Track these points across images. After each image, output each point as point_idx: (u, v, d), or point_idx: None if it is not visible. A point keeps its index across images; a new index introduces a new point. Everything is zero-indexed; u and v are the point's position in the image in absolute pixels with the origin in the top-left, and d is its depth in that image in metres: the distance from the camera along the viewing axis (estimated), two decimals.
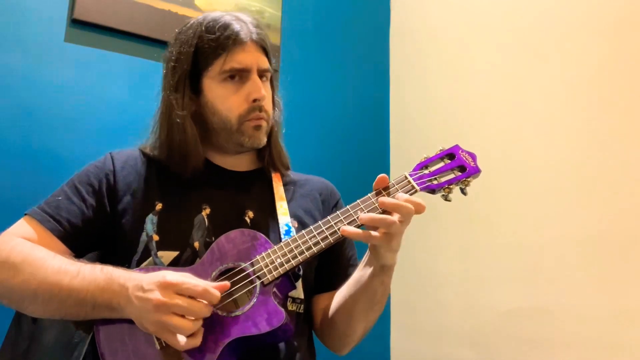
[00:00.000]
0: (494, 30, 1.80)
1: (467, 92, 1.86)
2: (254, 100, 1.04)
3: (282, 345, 1.00)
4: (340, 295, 1.08)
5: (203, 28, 1.06)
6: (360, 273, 1.02)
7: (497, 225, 1.68)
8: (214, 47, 1.04)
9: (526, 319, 1.55)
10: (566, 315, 1.45)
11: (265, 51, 1.09)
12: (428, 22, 2.09)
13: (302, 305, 1.08)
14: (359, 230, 0.90)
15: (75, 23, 1.55)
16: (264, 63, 1.08)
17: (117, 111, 1.57)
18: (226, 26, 1.05)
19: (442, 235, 1.84)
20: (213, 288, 0.85)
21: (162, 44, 1.64)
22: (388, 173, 2.12)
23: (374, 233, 0.89)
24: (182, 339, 0.83)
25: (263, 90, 1.05)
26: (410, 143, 2.09)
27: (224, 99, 1.05)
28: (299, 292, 1.06)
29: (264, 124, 1.07)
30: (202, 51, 1.05)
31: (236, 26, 1.05)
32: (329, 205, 1.18)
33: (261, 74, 1.08)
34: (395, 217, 0.88)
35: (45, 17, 1.51)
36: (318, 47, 2.05)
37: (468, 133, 1.82)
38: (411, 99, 2.12)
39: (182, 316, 0.83)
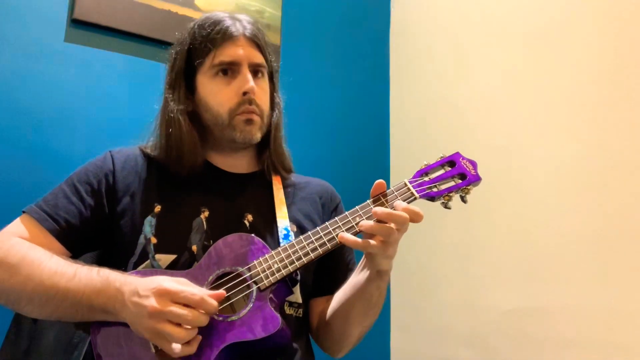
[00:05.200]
0: (495, 30, 1.80)
1: (467, 92, 1.86)
2: (244, 94, 1.04)
3: (279, 349, 0.99)
4: (336, 299, 1.08)
5: (196, 27, 1.08)
6: (356, 277, 1.02)
7: (497, 225, 1.68)
8: (205, 43, 1.05)
9: (526, 319, 1.55)
10: (566, 315, 1.45)
11: (259, 47, 1.08)
12: (428, 22, 2.09)
13: (301, 310, 1.07)
14: (357, 239, 0.89)
15: (75, 23, 1.55)
16: (257, 58, 1.07)
17: (117, 111, 1.57)
18: (217, 22, 1.06)
19: (442, 235, 1.84)
20: (210, 297, 0.84)
21: (162, 44, 1.65)
22: (388, 174, 2.12)
23: (371, 241, 0.88)
24: (176, 346, 0.83)
25: (252, 82, 1.04)
26: (410, 143, 2.09)
27: (215, 94, 1.05)
28: (296, 296, 1.05)
29: (255, 118, 1.06)
30: (194, 48, 1.07)
31: (228, 22, 1.06)
32: (329, 209, 1.18)
33: (255, 69, 1.07)
34: (392, 225, 0.88)
35: (45, 17, 1.51)
36: (318, 47, 2.05)
37: (468, 133, 1.82)
38: (411, 99, 2.12)
39: (178, 324, 0.83)
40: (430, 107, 2.01)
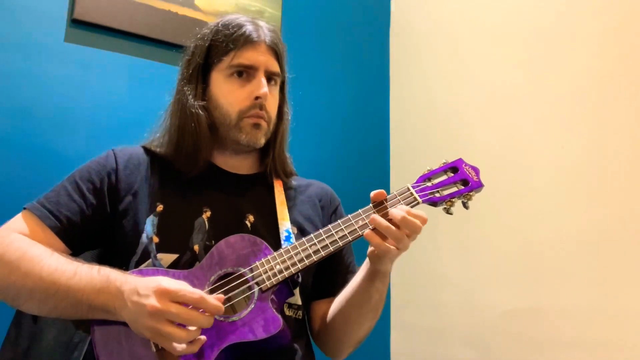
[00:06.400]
0: (495, 30, 1.80)
1: (467, 92, 1.86)
2: (257, 98, 1.05)
3: (280, 350, 0.99)
4: (337, 301, 1.09)
5: (220, 25, 1.09)
6: (357, 280, 1.04)
7: (497, 226, 1.68)
8: (227, 43, 1.06)
9: (526, 319, 1.55)
10: (566, 315, 1.45)
11: (277, 57, 1.10)
12: (428, 22, 2.09)
13: (300, 311, 1.08)
14: (389, 224, 0.90)
15: (75, 23, 1.55)
16: (274, 66, 1.09)
17: (117, 111, 1.57)
18: (241, 26, 1.08)
19: (442, 235, 1.84)
20: (210, 297, 0.84)
21: (162, 44, 1.66)
22: (388, 176, 2.11)
23: (385, 243, 0.90)
24: (178, 345, 0.83)
25: (266, 88, 1.05)
26: (410, 144, 2.09)
27: (227, 93, 1.06)
28: (296, 298, 1.06)
29: (263, 123, 1.07)
30: (215, 46, 1.08)
31: (250, 27, 1.08)
32: (328, 212, 1.18)
33: (269, 76, 1.09)
34: (405, 230, 0.90)
35: (45, 17, 1.51)
36: (318, 47, 2.05)
37: (469, 133, 1.82)
38: (411, 100, 2.11)
39: (178, 324, 0.83)
40: (430, 108, 2.01)
